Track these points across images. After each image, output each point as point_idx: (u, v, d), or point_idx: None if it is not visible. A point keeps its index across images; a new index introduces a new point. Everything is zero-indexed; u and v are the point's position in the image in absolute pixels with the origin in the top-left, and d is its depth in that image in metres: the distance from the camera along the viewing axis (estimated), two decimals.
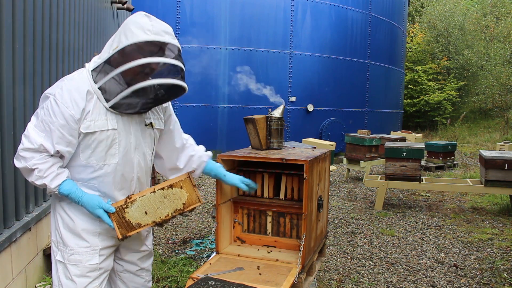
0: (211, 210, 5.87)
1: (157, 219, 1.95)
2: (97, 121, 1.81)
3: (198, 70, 10.04)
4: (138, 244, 2.13)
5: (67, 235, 1.91)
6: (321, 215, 2.82)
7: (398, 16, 13.95)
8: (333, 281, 3.65)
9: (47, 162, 1.79)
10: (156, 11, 9.70)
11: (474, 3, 24.09)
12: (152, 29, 1.75)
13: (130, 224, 1.90)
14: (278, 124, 2.75)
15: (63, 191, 1.82)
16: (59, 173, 1.82)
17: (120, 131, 1.87)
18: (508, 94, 18.68)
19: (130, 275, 2.14)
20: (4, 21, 2.55)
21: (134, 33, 1.73)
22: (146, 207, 1.93)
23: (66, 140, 1.79)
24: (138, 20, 1.77)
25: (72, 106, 1.76)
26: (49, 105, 1.78)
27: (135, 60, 1.72)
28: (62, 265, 1.91)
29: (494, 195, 6.66)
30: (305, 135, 9.89)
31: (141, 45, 1.72)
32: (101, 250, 1.94)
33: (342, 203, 6.55)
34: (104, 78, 1.78)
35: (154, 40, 1.73)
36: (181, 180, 2.02)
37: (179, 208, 1.99)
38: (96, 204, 1.84)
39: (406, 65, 19.09)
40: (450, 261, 4.18)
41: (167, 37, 1.78)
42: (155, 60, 1.73)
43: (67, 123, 1.76)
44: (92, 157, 1.86)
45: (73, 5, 4.04)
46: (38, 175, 1.78)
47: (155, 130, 2.04)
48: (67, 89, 1.78)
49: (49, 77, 3.37)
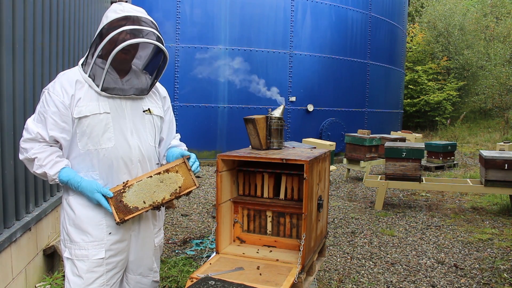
0: (211, 210, 5.87)
1: (154, 202, 2.00)
2: (88, 106, 1.91)
3: (198, 70, 10.03)
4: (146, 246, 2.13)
5: (73, 231, 1.95)
6: (321, 215, 2.82)
7: (398, 16, 13.95)
8: (333, 281, 3.65)
9: (46, 151, 1.90)
10: (156, 11, 9.71)
11: (474, 3, 24.09)
12: (123, 9, 1.90)
13: (128, 208, 1.95)
14: (278, 124, 2.75)
15: (62, 178, 1.90)
16: (58, 161, 1.91)
17: (114, 115, 1.96)
18: (508, 94, 18.68)
19: (137, 277, 2.15)
20: (4, 21, 2.55)
21: (107, 17, 1.91)
22: (143, 191, 1.98)
23: (59, 126, 1.89)
24: (111, 7, 1.95)
25: (62, 94, 1.89)
26: (43, 98, 1.92)
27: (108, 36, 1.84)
28: (70, 262, 1.95)
29: (494, 195, 6.67)
30: (305, 135, 9.89)
31: (112, 23, 1.86)
32: (109, 245, 1.96)
33: (342, 203, 6.55)
34: (90, 65, 1.91)
35: (123, 16, 1.87)
36: (177, 164, 2.07)
37: (176, 192, 2.05)
38: (95, 188, 1.90)
39: (406, 65, 19.10)
40: (450, 261, 4.18)
41: (135, 12, 1.91)
42: (121, 29, 1.84)
43: (58, 110, 1.88)
44: (89, 143, 1.93)
45: (73, 5, 4.04)
46: (38, 164, 1.88)
47: (154, 116, 2.10)
48: (59, 81, 1.93)
49: (49, 77, 3.37)
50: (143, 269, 2.15)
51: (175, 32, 9.88)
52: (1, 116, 2.59)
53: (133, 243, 2.08)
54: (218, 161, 2.45)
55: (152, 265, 2.18)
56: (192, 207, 6.09)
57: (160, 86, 2.24)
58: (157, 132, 2.13)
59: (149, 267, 2.17)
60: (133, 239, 2.07)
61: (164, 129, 2.23)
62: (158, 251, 2.23)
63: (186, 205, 6.19)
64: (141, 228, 2.09)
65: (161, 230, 2.24)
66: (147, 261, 2.15)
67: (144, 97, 2.08)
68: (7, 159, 2.64)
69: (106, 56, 1.86)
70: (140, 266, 2.13)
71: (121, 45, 1.81)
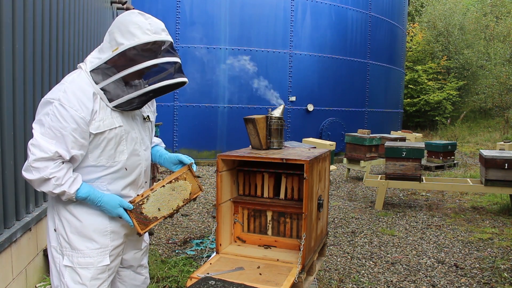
0: (211, 210, 5.87)
1: (170, 210, 2.04)
2: (105, 121, 1.83)
3: (198, 70, 10.04)
4: (139, 242, 2.14)
5: (75, 239, 1.88)
6: (321, 215, 2.82)
7: (398, 16, 13.95)
8: (333, 280, 3.65)
9: (63, 169, 1.76)
10: (156, 11, 9.70)
11: (474, 2, 24.07)
12: (151, 28, 1.77)
13: (148, 219, 1.98)
14: (278, 124, 2.75)
15: (81, 195, 1.81)
16: (75, 178, 1.81)
17: (126, 128, 1.91)
18: (508, 94, 18.68)
19: (131, 273, 2.15)
20: (4, 21, 2.55)
21: (134, 34, 1.74)
22: (159, 201, 2.02)
23: (79, 143, 1.77)
24: (135, 20, 1.77)
25: (81, 108, 1.75)
26: (55, 111, 1.73)
27: (139, 63, 1.74)
28: (69, 270, 1.88)
29: (494, 194, 6.67)
30: (305, 135, 9.89)
31: (143, 47, 1.74)
32: (112, 250, 1.95)
33: (342, 203, 6.55)
34: (106, 80, 1.79)
35: (155, 41, 1.76)
36: (184, 172, 2.11)
37: (186, 198, 2.10)
38: (118, 203, 1.87)
39: (406, 65, 19.09)
40: (450, 261, 4.18)
41: (164, 34, 1.81)
42: (159, 61, 1.76)
43: (78, 126, 1.74)
44: (102, 156, 1.86)
45: (73, 5, 4.04)
46: (56, 184, 1.75)
47: (151, 123, 2.11)
48: (72, 91, 1.75)
49: (49, 78, 3.37)
50: (136, 267, 2.17)
51: (175, 32, 9.88)
52: (1, 116, 2.59)
53: (127, 244, 2.09)
54: (218, 161, 2.45)
55: (142, 262, 2.20)
56: (192, 207, 6.09)
57: None
58: (151, 138, 2.16)
59: (142, 264, 2.19)
60: (128, 241, 2.08)
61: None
62: (148, 248, 2.25)
63: (186, 205, 6.18)
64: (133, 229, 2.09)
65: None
66: (140, 259, 2.17)
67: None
68: (7, 159, 2.64)
69: (131, 79, 1.79)
70: (134, 264, 2.15)
71: (164, 83, 1.79)
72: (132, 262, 2.14)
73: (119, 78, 1.77)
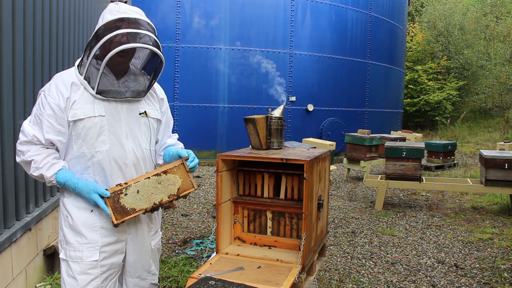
0: (211, 210, 5.87)
1: (151, 204, 1.97)
2: (83, 109, 1.90)
3: (198, 70, 10.04)
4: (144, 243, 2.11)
5: (68, 232, 1.95)
6: (321, 215, 2.82)
7: (398, 16, 13.95)
8: (333, 280, 3.65)
9: (42, 153, 1.89)
10: (156, 11, 9.71)
11: (474, 2, 24.08)
12: (119, 9, 1.87)
13: (125, 209, 1.92)
14: (278, 124, 2.75)
15: (59, 179, 1.90)
16: (54, 163, 1.90)
17: (109, 118, 1.94)
18: (508, 94, 18.67)
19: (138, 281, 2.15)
20: (4, 21, 2.55)
21: (103, 17, 1.88)
22: (141, 193, 1.96)
23: (55, 129, 1.89)
24: (108, 7, 1.91)
25: (57, 96, 1.88)
26: (39, 100, 1.92)
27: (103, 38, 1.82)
28: (65, 263, 1.95)
29: (494, 194, 6.67)
30: (305, 135, 9.89)
31: (108, 24, 1.84)
32: (102, 247, 1.95)
33: (342, 203, 6.55)
34: (85, 67, 1.89)
35: (119, 17, 1.85)
36: (175, 166, 2.04)
37: (173, 194, 2.01)
38: (91, 189, 1.89)
39: (406, 65, 19.09)
40: (451, 261, 4.18)
41: (132, 14, 1.89)
42: (116, 32, 1.82)
43: (54, 112, 1.87)
44: (84, 146, 1.92)
45: (73, 5, 4.04)
46: (35, 167, 1.88)
47: (150, 119, 2.08)
48: (55, 83, 1.92)
49: (49, 78, 3.36)
50: (141, 272, 2.13)
51: (175, 32, 9.88)
52: (1, 116, 2.59)
53: (130, 245, 2.06)
54: (218, 161, 2.45)
55: (150, 268, 2.16)
56: (192, 207, 6.09)
57: (158, 88, 2.21)
58: (153, 135, 2.11)
59: (147, 269, 2.15)
60: (130, 242, 2.05)
61: (160, 130, 2.20)
62: (156, 254, 2.20)
63: (186, 205, 6.18)
64: (138, 230, 2.07)
65: (158, 232, 2.21)
66: (145, 264, 2.13)
67: (141, 99, 2.06)
68: (7, 159, 2.64)
69: (101, 58, 1.83)
70: (138, 269, 2.12)
71: (115, 50, 1.79)
72: (137, 265, 2.11)
73: (92, 59, 1.86)
